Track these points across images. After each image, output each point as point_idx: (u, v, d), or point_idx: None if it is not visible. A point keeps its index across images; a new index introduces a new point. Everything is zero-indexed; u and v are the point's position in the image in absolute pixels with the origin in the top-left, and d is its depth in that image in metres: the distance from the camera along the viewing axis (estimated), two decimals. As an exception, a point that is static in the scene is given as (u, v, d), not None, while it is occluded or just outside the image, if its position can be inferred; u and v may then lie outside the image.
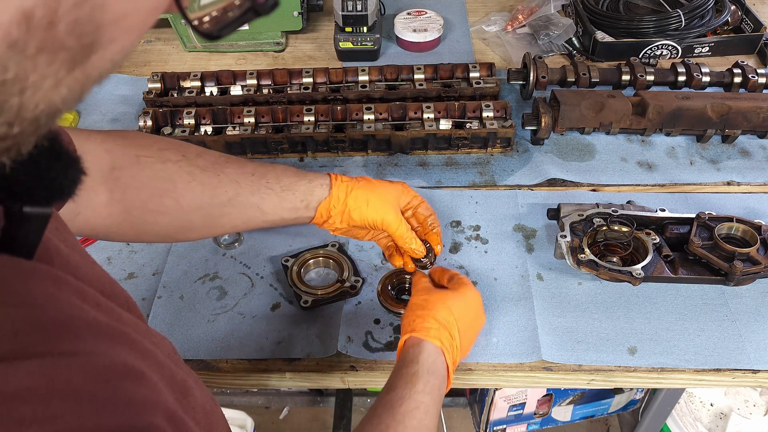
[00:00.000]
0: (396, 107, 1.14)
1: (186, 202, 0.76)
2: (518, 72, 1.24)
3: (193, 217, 0.77)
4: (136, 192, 0.74)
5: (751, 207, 1.04)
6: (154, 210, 0.75)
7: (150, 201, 0.74)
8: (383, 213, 0.83)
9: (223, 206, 0.78)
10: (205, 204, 0.77)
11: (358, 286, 0.90)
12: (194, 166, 0.77)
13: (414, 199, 0.89)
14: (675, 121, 1.12)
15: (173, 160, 0.76)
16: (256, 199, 0.79)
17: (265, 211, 0.80)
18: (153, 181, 0.74)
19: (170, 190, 0.75)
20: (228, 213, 0.79)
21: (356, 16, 1.32)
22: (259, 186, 0.79)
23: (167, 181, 0.75)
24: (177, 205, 0.76)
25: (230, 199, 0.78)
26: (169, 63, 1.39)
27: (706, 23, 1.36)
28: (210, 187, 0.77)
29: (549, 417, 1.79)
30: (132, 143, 0.76)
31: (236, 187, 0.78)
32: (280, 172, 0.82)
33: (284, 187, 0.81)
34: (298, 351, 0.85)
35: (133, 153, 0.74)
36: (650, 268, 0.89)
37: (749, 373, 0.83)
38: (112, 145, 0.74)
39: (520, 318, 0.88)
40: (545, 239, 0.99)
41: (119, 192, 0.73)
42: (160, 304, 0.90)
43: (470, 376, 0.84)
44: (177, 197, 0.75)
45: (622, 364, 0.84)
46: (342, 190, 0.83)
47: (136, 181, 0.74)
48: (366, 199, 0.83)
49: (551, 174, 1.09)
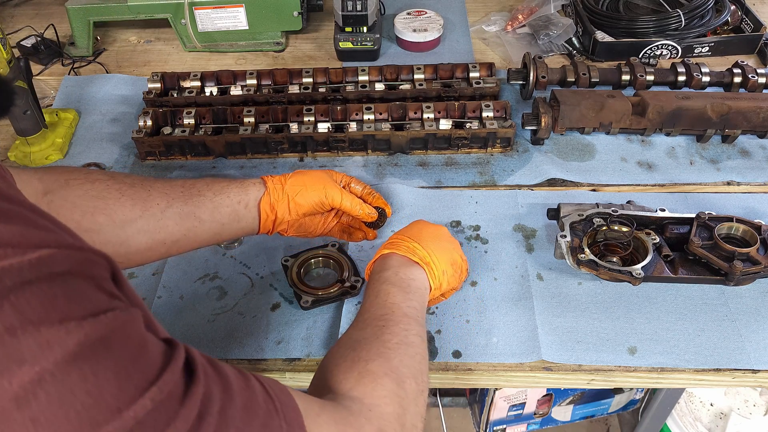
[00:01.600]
0: (396, 107, 1.14)
1: (118, 217, 0.76)
2: (518, 72, 1.24)
3: (128, 231, 0.77)
4: (69, 212, 0.75)
5: (751, 207, 1.04)
6: (88, 228, 0.75)
7: (83, 220, 0.75)
8: (325, 189, 0.87)
9: (157, 219, 0.78)
10: (137, 217, 0.77)
11: (358, 285, 0.90)
12: (122, 183, 0.78)
13: (344, 177, 0.93)
14: (675, 121, 1.12)
15: (101, 179, 0.78)
16: (190, 207, 0.80)
17: (202, 219, 0.81)
18: (84, 200, 0.76)
19: (101, 207, 0.76)
20: (164, 226, 0.79)
21: (356, 16, 1.32)
22: (191, 194, 0.81)
23: (98, 199, 0.76)
24: (110, 220, 0.76)
25: (163, 211, 0.78)
26: (169, 63, 1.39)
27: (705, 23, 1.36)
28: (140, 200, 0.78)
29: (549, 417, 1.79)
30: (62, 171, 0.79)
31: (167, 199, 0.79)
32: (210, 181, 0.84)
33: (216, 191, 0.82)
34: (299, 351, 0.85)
35: (63, 178, 0.77)
36: (650, 268, 0.89)
37: (749, 372, 0.83)
38: (42, 174, 0.76)
39: (520, 318, 0.88)
40: (545, 239, 0.99)
41: (53, 214, 0.74)
42: (160, 304, 0.90)
43: (470, 376, 0.84)
44: (109, 213, 0.76)
45: (622, 364, 0.84)
46: (277, 183, 0.86)
47: (68, 202, 0.75)
48: (303, 183, 0.86)
49: (551, 174, 1.09)
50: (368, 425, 0.57)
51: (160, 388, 0.38)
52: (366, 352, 0.65)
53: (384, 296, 0.73)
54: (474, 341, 0.85)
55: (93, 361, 0.36)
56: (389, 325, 0.69)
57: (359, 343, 0.67)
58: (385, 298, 0.73)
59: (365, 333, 0.69)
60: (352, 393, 0.60)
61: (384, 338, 0.67)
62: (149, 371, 0.39)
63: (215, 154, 1.13)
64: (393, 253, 0.80)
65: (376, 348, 0.65)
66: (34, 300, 0.35)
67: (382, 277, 0.77)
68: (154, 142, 1.11)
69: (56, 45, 1.40)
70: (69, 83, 1.31)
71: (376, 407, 0.59)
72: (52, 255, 0.37)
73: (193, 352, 0.44)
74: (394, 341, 0.67)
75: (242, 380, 0.47)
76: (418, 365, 0.67)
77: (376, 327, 0.69)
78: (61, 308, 0.36)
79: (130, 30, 1.49)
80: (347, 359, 0.64)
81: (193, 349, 0.44)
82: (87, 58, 1.39)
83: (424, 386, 0.66)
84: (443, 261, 0.80)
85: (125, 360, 0.38)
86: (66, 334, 0.35)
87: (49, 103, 1.27)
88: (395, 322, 0.69)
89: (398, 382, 0.62)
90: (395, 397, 0.61)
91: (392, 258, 0.79)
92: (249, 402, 0.46)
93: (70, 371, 0.35)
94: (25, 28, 1.45)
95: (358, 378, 0.62)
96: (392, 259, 0.79)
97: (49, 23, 1.42)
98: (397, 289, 0.74)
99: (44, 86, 1.31)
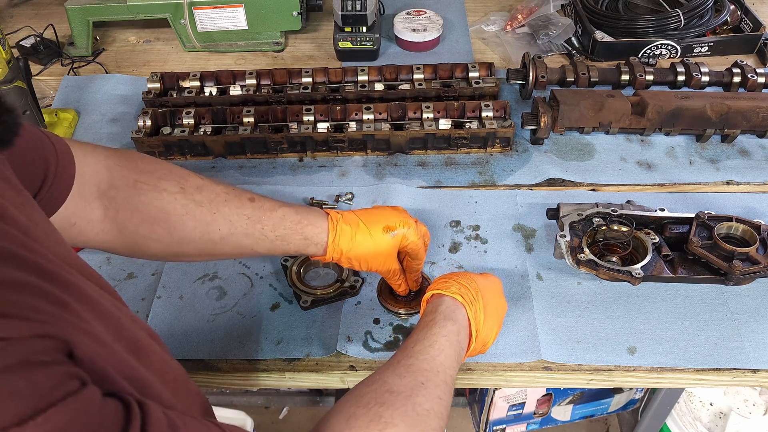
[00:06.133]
0: (395, 107, 1.14)
1: (177, 234, 0.75)
2: (517, 72, 1.24)
3: (184, 248, 0.77)
4: (129, 215, 0.74)
5: (751, 206, 1.04)
6: (145, 236, 0.75)
7: (141, 226, 0.74)
8: (375, 263, 0.82)
9: (215, 243, 0.77)
10: (196, 239, 0.76)
11: (357, 286, 0.90)
12: (190, 200, 0.75)
13: (405, 225, 0.82)
14: (674, 120, 1.12)
15: (170, 191, 0.75)
16: (250, 242, 0.78)
17: (258, 252, 0.80)
18: (146, 208, 0.74)
19: (162, 220, 0.74)
20: (220, 249, 0.78)
21: (355, 15, 1.32)
22: (253, 230, 0.78)
23: (160, 211, 0.74)
24: (168, 235, 0.75)
25: (222, 238, 0.77)
26: (169, 63, 1.39)
27: (705, 23, 1.36)
28: (203, 223, 0.76)
29: (548, 417, 1.79)
30: (133, 166, 0.75)
31: (230, 227, 0.77)
32: (277, 221, 0.78)
33: (279, 236, 0.78)
34: (298, 351, 0.85)
35: (133, 177, 0.74)
36: (650, 267, 0.89)
37: (749, 372, 0.83)
38: (113, 164, 0.74)
39: (520, 318, 0.88)
40: (545, 239, 0.99)
41: (113, 210, 0.73)
42: (160, 304, 0.90)
43: (470, 376, 0.84)
44: (169, 228, 0.75)
45: (621, 363, 0.84)
46: (338, 251, 0.80)
47: (130, 205, 0.74)
48: (359, 259, 0.81)
49: (551, 174, 1.09)
50: None
51: None
52: (390, 414, 0.59)
53: (438, 351, 0.68)
54: (473, 341, 0.85)
55: None
56: (428, 387, 0.63)
57: (390, 396, 0.61)
58: (438, 354, 0.67)
59: (402, 382, 0.63)
60: None
61: (417, 400, 0.61)
62: None
63: (215, 154, 1.13)
64: (463, 308, 0.73)
65: (403, 410, 0.60)
66: None
67: (445, 328, 0.70)
68: (153, 142, 1.11)
69: (55, 45, 1.40)
70: (68, 83, 1.31)
71: None
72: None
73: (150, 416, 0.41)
74: (426, 407, 0.61)
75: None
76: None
77: (415, 382, 0.63)
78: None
79: (129, 30, 1.49)
80: (369, 413, 0.59)
81: (153, 409, 0.41)
82: (86, 58, 1.39)
83: None
84: (484, 336, 0.76)
85: None
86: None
87: (49, 103, 1.27)
88: (435, 385, 0.64)
89: None
90: None
91: (461, 313, 0.73)
92: None
93: None
94: (25, 28, 1.45)
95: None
96: (461, 314, 0.73)
97: (49, 23, 1.42)
98: (452, 351, 0.69)
99: (43, 86, 1.31)
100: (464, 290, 0.74)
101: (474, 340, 0.73)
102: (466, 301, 0.73)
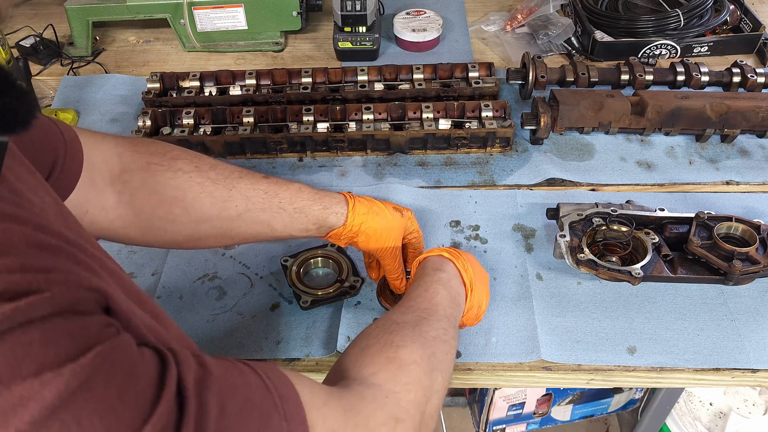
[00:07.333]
0: (395, 107, 1.14)
1: (195, 213, 0.75)
2: (517, 72, 1.24)
3: (201, 228, 0.77)
4: (145, 197, 0.73)
5: (750, 206, 1.04)
6: (162, 217, 0.75)
7: (159, 208, 0.74)
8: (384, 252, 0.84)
9: (232, 220, 0.77)
10: (213, 216, 0.76)
11: (357, 286, 0.90)
12: (205, 178, 0.76)
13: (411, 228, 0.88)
14: (674, 120, 1.12)
15: (184, 170, 0.75)
16: (267, 216, 0.78)
17: (275, 229, 0.80)
18: (163, 189, 0.74)
19: (179, 199, 0.74)
20: (237, 227, 0.78)
21: (355, 16, 1.32)
22: (271, 204, 0.78)
23: (177, 190, 0.74)
24: (186, 214, 0.75)
25: (240, 215, 0.77)
26: (168, 63, 1.39)
27: (705, 23, 1.36)
28: (220, 200, 0.76)
29: (548, 416, 1.79)
30: (144, 150, 0.76)
31: (247, 203, 0.77)
32: (294, 193, 0.79)
33: (297, 209, 0.79)
34: (298, 351, 0.85)
35: (144, 160, 0.74)
36: (649, 267, 0.89)
37: (748, 372, 0.83)
38: (123, 150, 0.74)
39: (520, 318, 0.88)
40: (544, 239, 0.99)
41: (128, 195, 0.73)
42: (160, 304, 0.90)
43: (470, 376, 0.84)
44: (186, 207, 0.75)
45: (621, 363, 0.84)
46: (357, 222, 0.81)
47: (146, 187, 0.73)
48: (375, 233, 0.82)
49: (550, 174, 1.09)
50: (380, 411, 0.56)
51: (154, 425, 0.36)
52: (400, 338, 0.64)
53: (432, 293, 0.73)
54: (473, 341, 0.85)
55: (75, 409, 0.34)
56: (430, 319, 0.68)
57: (397, 327, 0.66)
58: (433, 296, 0.72)
59: (405, 318, 0.68)
60: (372, 379, 0.59)
61: (422, 329, 0.66)
62: (140, 407, 0.37)
63: (214, 154, 1.13)
64: (451, 262, 0.78)
65: (411, 335, 0.65)
66: (5, 355, 0.33)
67: (436, 275, 0.76)
68: (153, 142, 1.11)
69: (55, 45, 1.40)
70: (68, 83, 1.31)
71: (393, 394, 0.58)
72: (31, 303, 0.35)
73: (183, 364, 0.42)
74: (432, 334, 0.66)
75: (238, 377, 0.46)
76: (448, 363, 0.67)
77: (418, 317, 0.68)
78: (37, 357, 0.34)
79: (129, 30, 1.49)
80: (380, 341, 0.64)
81: (184, 356, 0.42)
82: (86, 58, 1.39)
83: (447, 384, 0.66)
84: (478, 295, 0.79)
85: (112, 400, 0.35)
86: (41, 387, 0.33)
87: (48, 104, 1.27)
88: (437, 319, 0.69)
89: (427, 372, 0.62)
90: (420, 384, 0.60)
91: (449, 265, 0.78)
92: (245, 405, 0.44)
93: (50, 426, 0.33)
94: (24, 28, 1.45)
95: (384, 363, 0.61)
96: (449, 266, 0.78)
97: (48, 23, 1.42)
98: (447, 294, 0.74)
99: (43, 86, 1.30)
100: (448, 251, 0.80)
101: (469, 291, 0.77)
102: (452, 257, 0.79)
